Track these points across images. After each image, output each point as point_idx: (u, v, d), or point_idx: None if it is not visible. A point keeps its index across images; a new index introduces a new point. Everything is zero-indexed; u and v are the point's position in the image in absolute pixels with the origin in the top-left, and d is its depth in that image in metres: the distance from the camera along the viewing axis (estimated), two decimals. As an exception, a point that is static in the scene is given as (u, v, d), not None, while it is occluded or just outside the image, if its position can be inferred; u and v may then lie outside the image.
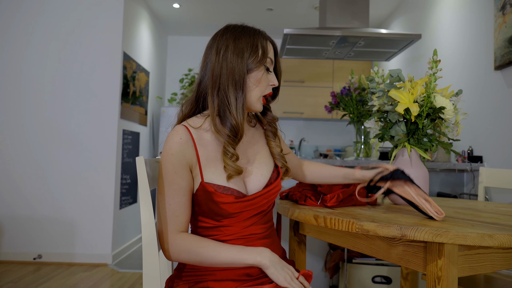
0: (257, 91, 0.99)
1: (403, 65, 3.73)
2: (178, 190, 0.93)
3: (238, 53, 0.96)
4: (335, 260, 2.12)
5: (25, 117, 3.19)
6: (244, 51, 0.96)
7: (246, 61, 0.96)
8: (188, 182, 0.94)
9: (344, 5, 2.86)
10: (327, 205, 1.14)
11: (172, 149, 0.93)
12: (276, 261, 0.92)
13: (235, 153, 0.95)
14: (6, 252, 3.09)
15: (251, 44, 0.97)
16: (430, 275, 0.84)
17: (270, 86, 1.01)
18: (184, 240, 0.93)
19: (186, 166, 0.94)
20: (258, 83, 0.98)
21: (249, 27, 1.02)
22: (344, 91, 2.56)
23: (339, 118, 3.48)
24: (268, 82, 1.01)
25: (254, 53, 0.97)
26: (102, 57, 3.25)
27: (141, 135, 3.94)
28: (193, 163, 0.95)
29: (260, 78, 0.98)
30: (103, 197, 3.17)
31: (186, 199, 0.94)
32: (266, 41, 1.01)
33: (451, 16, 2.81)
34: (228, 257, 0.91)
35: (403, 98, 1.13)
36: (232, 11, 4.20)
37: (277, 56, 1.05)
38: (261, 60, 0.97)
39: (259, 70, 0.98)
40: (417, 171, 1.20)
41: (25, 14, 3.23)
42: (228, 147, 0.94)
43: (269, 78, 1.01)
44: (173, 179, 0.92)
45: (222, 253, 0.91)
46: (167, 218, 0.94)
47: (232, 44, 0.97)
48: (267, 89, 1.01)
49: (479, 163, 2.28)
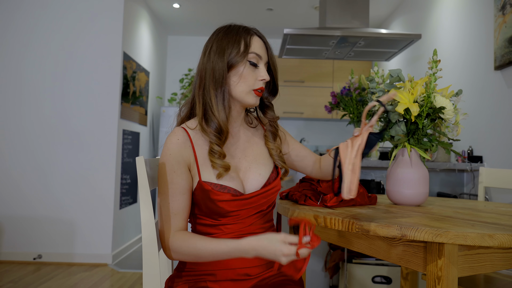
0: (243, 86, 0.98)
1: (403, 65, 3.73)
2: (177, 189, 0.94)
3: (219, 52, 0.98)
4: (335, 260, 2.12)
5: (25, 117, 3.19)
6: (225, 49, 0.98)
7: (227, 58, 0.97)
8: (187, 181, 0.95)
9: (344, 5, 2.86)
10: (327, 205, 1.13)
11: (170, 149, 0.95)
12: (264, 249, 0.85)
13: (222, 152, 0.96)
14: (6, 252, 3.09)
15: (233, 41, 0.99)
16: (430, 275, 0.84)
17: (259, 81, 1.00)
18: (182, 236, 0.93)
19: (184, 166, 0.95)
20: (241, 78, 0.98)
21: (236, 25, 1.03)
22: (344, 91, 2.56)
23: (339, 118, 3.48)
24: (257, 77, 0.99)
25: (235, 48, 0.98)
26: (102, 57, 3.25)
27: (141, 135, 3.94)
28: (191, 163, 0.96)
29: (243, 72, 0.98)
30: (103, 197, 3.17)
31: (185, 198, 0.95)
32: (251, 36, 1.00)
33: (451, 16, 2.81)
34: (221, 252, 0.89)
35: (403, 98, 1.13)
36: (232, 11, 4.20)
37: (269, 51, 1.03)
38: (242, 54, 0.97)
39: (241, 65, 0.98)
40: (417, 171, 1.20)
41: (25, 14, 3.22)
42: (214, 146, 0.96)
43: (257, 72, 1.00)
44: (172, 179, 0.94)
45: (218, 244, 0.89)
46: (167, 217, 0.94)
47: (215, 44, 0.99)
48: (256, 84, 0.99)
49: (479, 163, 2.28)
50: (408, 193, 1.19)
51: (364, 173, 2.31)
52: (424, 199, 1.21)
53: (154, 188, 1.04)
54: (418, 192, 1.19)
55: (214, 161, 0.95)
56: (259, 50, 1.00)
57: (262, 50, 1.01)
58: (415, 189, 1.19)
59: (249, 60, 0.98)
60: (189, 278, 0.98)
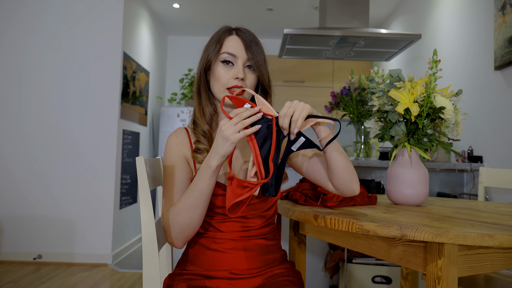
0: (217, 86, 1.01)
1: (403, 65, 3.73)
2: (177, 178, 0.98)
3: (203, 54, 1.04)
4: (335, 260, 2.12)
5: (25, 117, 3.19)
6: (206, 50, 1.04)
7: (204, 60, 1.03)
8: (185, 171, 1.00)
9: (344, 5, 2.86)
10: (327, 205, 1.13)
11: (169, 144, 1.02)
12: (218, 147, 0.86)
13: (207, 148, 0.99)
14: (6, 252, 3.09)
15: (212, 42, 1.03)
16: (430, 275, 0.84)
17: (234, 80, 0.99)
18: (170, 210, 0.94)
19: (183, 159, 1.01)
20: (215, 77, 1.01)
21: (224, 27, 1.06)
22: (344, 91, 2.56)
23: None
24: (231, 75, 0.99)
25: (211, 49, 1.02)
26: (102, 57, 3.25)
27: (141, 135, 3.94)
28: (188, 156, 1.02)
29: (215, 72, 1.00)
30: (103, 197, 3.17)
31: (182, 187, 0.98)
32: (225, 36, 1.02)
33: (451, 16, 2.81)
34: (199, 181, 0.89)
35: (403, 98, 1.13)
36: (232, 11, 4.20)
37: (250, 49, 1.00)
38: (215, 53, 1.00)
39: (215, 64, 1.01)
40: (417, 171, 1.20)
41: (25, 14, 3.22)
42: (198, 145, 1.00)
43: (232, 71, 1.00)
44: (172, 171, 0.99)
45: (194, 184, 0.90)
46: (167, 204, 0.97)
47: (204, 48, 1.05)
48: (229, 82, 0.99)
49: (479, 163, 2.28)
50: (408, 193, 1.19)
51: (364, 173, 2.31)
52: (424, 199, 1.21)
53: (154, 188, 1.06)
54: (418, 192, 1.19)
55: (197, 157, 0.99)
56: (233, 49, 1.00)
57: (238, 48, 1.00)
58: (415, 189, 1.19)
59: (221, 60, 1.00)
60: (187, 277, 0.98)
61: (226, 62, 1.00)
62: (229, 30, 1.03)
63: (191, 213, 0.90)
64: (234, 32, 1.03)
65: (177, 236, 0.92)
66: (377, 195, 1.46)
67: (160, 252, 1.08)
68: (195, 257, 1.00)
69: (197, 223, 0.92)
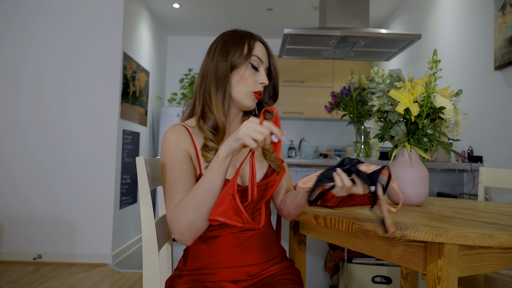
0: (243, 87, 1.01)
1: (403, 65, 3.73)
2: (181, 170, 0.95)
3: (224, 53, 1.01)
4: (335, 260, 2.12)
5: (25, 116, 3.19)
6: (229, 50, 1.02)
7: (231, 59, 1.01)
8: (189, 165, 0.97)
9: (344, 5, 2.86)
10: (327, 205, 1.13)
11: (170, 138, 0.98)
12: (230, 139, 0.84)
13: (216, 147, 0.98)
14: (6, 252, 3.09)
15: (237, 43, 1.02)
16: (430, 275, 0.84)
17: (259, 84, 1.03)
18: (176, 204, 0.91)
19: (185, 152, 0.98)
20: (242, 79, 1.01)
21: (241, 30, 1.06)
22: (344, 91, 2.56)
23: (339, 118, 3.48)
24: (256, 80, 1.02)
25: (238, 51, 1.01)
26: (102, 57, 3.25)
27: (141, 135, 3.94)
28: (192, 153, 0.99)
29: (244, 74, 1.01)
30: (103, 197, 3.17)
31: (188, 180, 0.95)
32: (254, 41, 1.04)
33: (451, 16, 2.81)
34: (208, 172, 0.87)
35: (403, 98, 1.13)
36: (232, 11, 4.20)
37: (271, 57, 1.07)
38: (245, 56, 1.01)
39: (243, 66, 1.01)
40: (417, 171, 1.20)
41: (26, 14, 3.22)
42: (208, 142, 0.98)
43: (257, 76, 1.03)
44: (174, 164, 0.96)
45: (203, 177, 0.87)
46: (172, 198, 0.93)
47: (220, 45, 1.03)
48: (256, 87, 1.02)
49: (479, 163, 2.28)
50: (408, 193, 1.19)
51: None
52: (424, 199, 1.21)
53: (154, 188, 1.05)
54: (418, 192, 1.19)
55: (206, 156, 0.97)
56: (261, 55, 1.03)
57: (264, 55, 1.04)
58: (415, 189, 1.19)
59: (251, 62, 1.02)
60: (189, 278, 0.98)
61: (254, 66, 1.02)
62: (252, 35, 1.05)
63: (200, 206, 0.86)
64: (257, 38, 1.06)
65: (184, 232, 0.88)
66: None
67: (160, 252, 1.08)
68: (195, 257, 1.00)
69: (205, 217, 0.88)
